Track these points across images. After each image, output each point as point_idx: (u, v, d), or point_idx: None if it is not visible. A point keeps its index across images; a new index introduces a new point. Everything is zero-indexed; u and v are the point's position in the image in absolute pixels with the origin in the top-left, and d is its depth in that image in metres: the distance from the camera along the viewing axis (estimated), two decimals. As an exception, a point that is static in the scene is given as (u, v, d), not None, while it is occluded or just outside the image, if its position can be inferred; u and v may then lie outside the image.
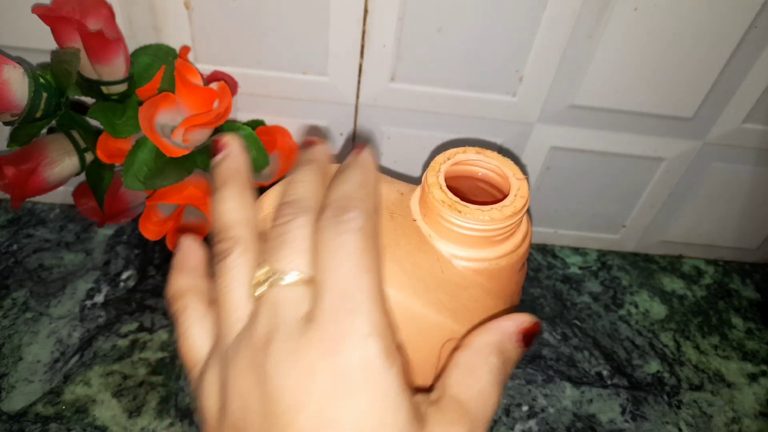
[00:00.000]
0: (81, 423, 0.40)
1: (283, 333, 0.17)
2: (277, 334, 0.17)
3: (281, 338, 0.17)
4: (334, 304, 0.17)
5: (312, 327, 0.17)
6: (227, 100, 0.38)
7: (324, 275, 0.18)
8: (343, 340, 0.17)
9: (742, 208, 0.53)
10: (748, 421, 0.46)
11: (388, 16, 0.39)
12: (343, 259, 0.18)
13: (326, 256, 0.18)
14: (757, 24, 0.39)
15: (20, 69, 0.36)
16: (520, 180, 0.25)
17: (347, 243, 0.18)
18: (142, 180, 0.39)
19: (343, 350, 0.16)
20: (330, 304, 0.17)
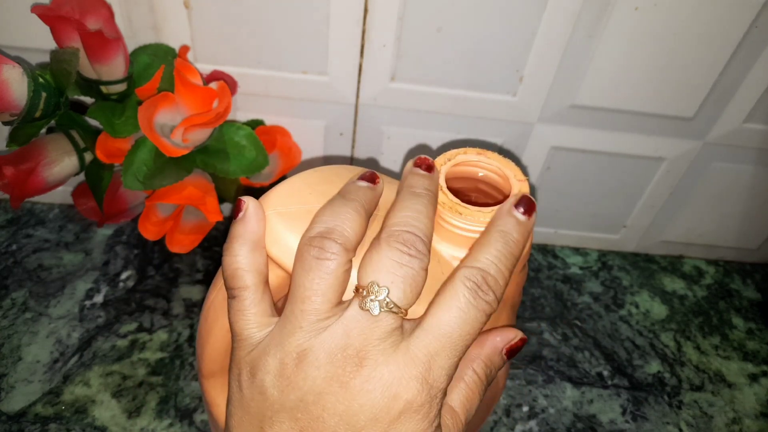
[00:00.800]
0: (80, 423, 0.40)
1: (378, 353, 0.20)
2: (372, 352, 0.20)
3: (376, 357, 0.20)
4: (436, 344, 0.21)
5: (406, 359, 0.20)
6: (227, 100, 0.38)
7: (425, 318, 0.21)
8: (425, 385, 0.20)
9: (742, 208, 0.53)
10: (748, 421, 0.46)
11: (388, 16, 0.39)
12: (447, 310, 0.21)
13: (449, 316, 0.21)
14: (757, 24, 0.39)
15: (19, 68, 0.36)
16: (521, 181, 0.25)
17: (473, 321, 0.21)
18: (141, 180, 0.39)
19: (423, 392, 0.20)
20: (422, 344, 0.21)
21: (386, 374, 0.20)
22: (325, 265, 0.21)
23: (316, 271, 0.21)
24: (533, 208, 0.23)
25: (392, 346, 0.20)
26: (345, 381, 0.20)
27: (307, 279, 0.21)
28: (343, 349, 0.20)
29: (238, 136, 0.42)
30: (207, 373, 0.29)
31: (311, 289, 0.21)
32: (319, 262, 0.21)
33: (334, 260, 0.21)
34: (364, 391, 0.20)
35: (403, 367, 0.20)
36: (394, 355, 0.20)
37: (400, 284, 0.21)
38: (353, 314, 0.21)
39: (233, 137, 0.42)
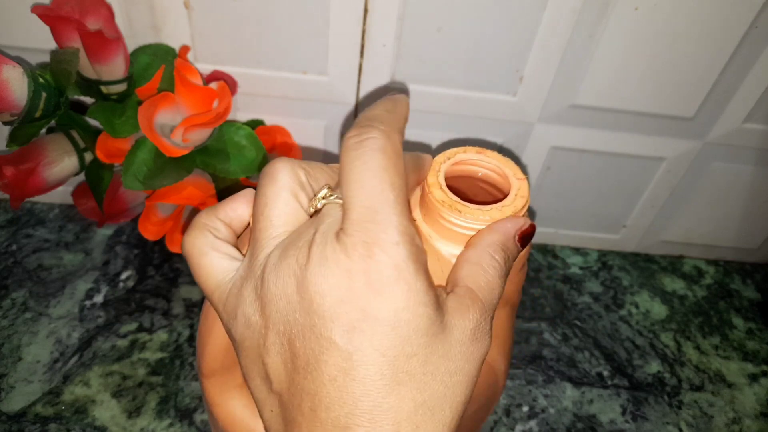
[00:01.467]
0: (80, 423, 0.40)
1: (322, 240, 0.19)
2: (317, 241, 0.19)
3: (320, 245, 0.19)
4: (362, 217, 0.19)
5: (346, 237, 0.19)
6: (227, 100, 0.38)
7: (349, 193, 0.20)
8: (375, 248, 0.19)
9: (742, 208, 0.53)
10: (748, 421, 0.46)
11: (388, 16, 0.39)
12: (366, 177, 0.19)
13: (349, 175, 0.20)
14: (757, 24, 0.39)
15: (19, 69, 0.36)
16: (520, 180, 0.25)
17: (368, 161, 0.20)
18: (141, 180, 0.39)
19: (375, 256, 0.19)
20: (358, 217, 0.19)
21: (330, 252, 0.19)
22: (275, 172, 0.21)
23: (267, 181, 0.21)
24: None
25: (337, 229, 0.20)
26: (299, 274, 0.19)
27: (257, 197, 0.22)
28: (294, 246, 0.20)
29: (238, 136, 0.42)
30: (207, 372, 0.29)
31: (261, 204, 0.21)
32: (265, 176, 0.21)
33: (282, 173, 0.21)
34: (315, 274, 0.19)
35: (344, 244, 0.19)
36: (338, 235, 0.19)
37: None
38: (305, 217, 0.21)
39: (233, 137, 0.42)
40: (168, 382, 0.42)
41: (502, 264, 0.22)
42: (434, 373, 0.19)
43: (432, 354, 0.19)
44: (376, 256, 0.18)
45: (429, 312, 0.19)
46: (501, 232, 0.23)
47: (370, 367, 0.18)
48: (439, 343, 0.19)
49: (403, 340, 0.19)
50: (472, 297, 0.21)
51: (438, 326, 0.19)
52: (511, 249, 0.23)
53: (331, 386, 0.19)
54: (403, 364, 0.19)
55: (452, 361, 0.20)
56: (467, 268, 0.22)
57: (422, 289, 0.19)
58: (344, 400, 0.18)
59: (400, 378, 0.19)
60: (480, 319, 0.21)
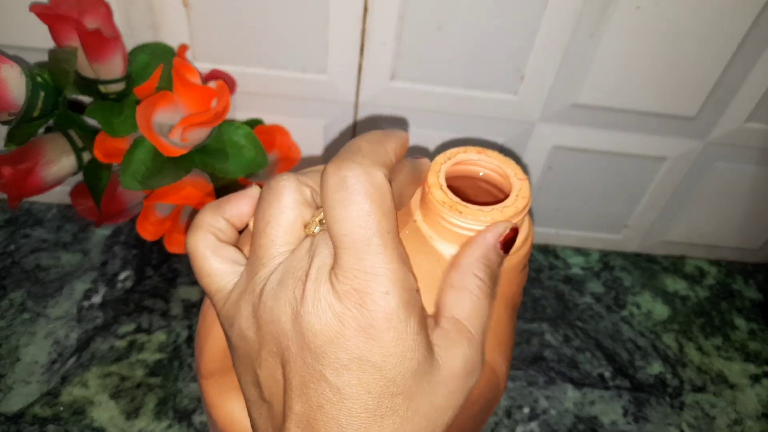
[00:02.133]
0: (79, 425, 0.39)
1: (317, 278, 0.19)
2: (312, 277, 0.20)
3: (315, 282, 0.19)
4: (351, 264, 0.19)
5: (337, 283, 0.19)
6: (225, 99, 0.38)
7: (335, 239, 0.20)
8: (366, 298, 0.19)
9: (744, 208, 0.53)
10: (750, 422, 0.46)
11: (388, 14, 0.39)
12: (349, 226, 0.19)
13: (333, 222, 0.20)
14: (759, 23, 0.39)
15: (18, 68, 0.35)
16: (521, 180, 0.25)
17: (349, 207, 0.19)
18: (139, 180, 0.38)
19: (366, 305, 0.19)
20: (347, 265, 0.19)
21: (324, 293, 0.19)
22: (281, 189, 0.21)
23: (271, 197, 0.21)
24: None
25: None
26: (295, 306, 0.19)
27: (259, 212, 0.21)
28: (292, 276, 0.20)
29: (237, 136, 0.42)
30: (206, 373, 0.29)
31: (263, 221, 0.21)
32: (270, 193, 0.21)
33: (287, 192, 0.21)
34: (312, 314, 0.19)
35: (336, 290, 0.19)
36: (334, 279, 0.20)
37: None
38: (305, 240, 0.21)
39: (232, 137, 0.42)
40: (166, 383, 0.42)
41: (487, 281, 0.22)
42: (418, 410, 0.20)
43: (417, 393, 0.20)
44: (367, 306, 0.19)
45: (417, 356, 0.20)
46: (480, 246, 0.23)
47: (356, 402, 0.19)
48: (425, 383, 0.20)
49: (389, 381, 0.19)
50: (459, 330, 0.21)
51: (426, 367, 0.20)
52: (493, 260, 0.23)
53: (319, 412, 0.19)
54: (388, 401, 0.19)
55: (438, 397, 0.20)
56: (452, 296, 0.22)
57: (411, 335, 0.19)
58: (330, 426, 0.19)
59: (383, 412, 0.19)
60: (469, 352, 0.21)
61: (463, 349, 0.21)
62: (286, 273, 0.20)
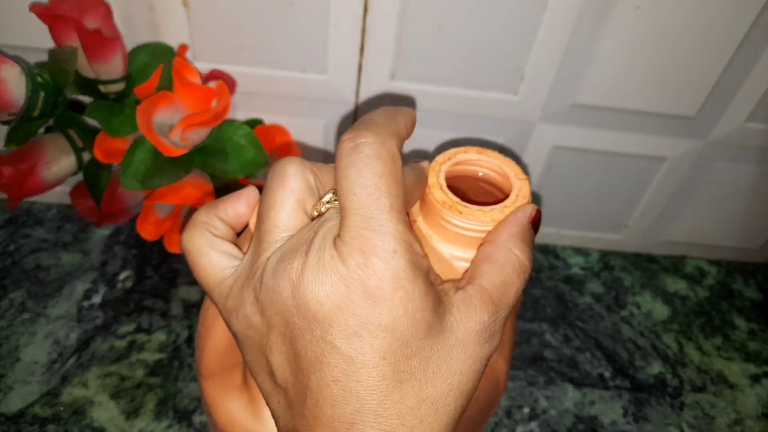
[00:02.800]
0: (79, 425, 0.39)
1: (320, 246, 0.19)
2: (316, 246, 0.19)
3: (318, 251, 0.19)
4: (357, 224, 0.19)
5: (342, 245, 0.19)
6: (225, 99, 0.38)
7: (344, 200, 0.20)
8: (371, 257, 0.19)
9: (744, 208, 0.53)
10: (750, 422, 0.46)
11: (388, 14, 0.39)
12: (360, 184, 0.20)
13: (343, 182, 0.20)
14: (759, 23, 0.39)
15: (18, 68, 0.35)
16: (521, 180, 0.25)
17: (362, 168, 0.20)
18: (139, 180, 0.38)
19: (372, 265, 0.19)
20: (354, 224, 0.19)
21: (327, 259, 0.19)
22: (286, 172, 0.21)
23: (277, 181, 0.21)
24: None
25: (335, 235, 0.20)
26: (294, 278, 0.19)
27: (264, 197, 0.22)
28: (293, 249, 0.20)
29: (237, 136, 0.42)
30: (206, 373, 0.29)
31: (267, 206, 0.21)
32: (275, 177, 0.21)
33: (293, 177, 0.21)
34: (312, 281, 0.19)
35: (341, 251, 0.19)
36: (336, 242, 0.19)
37: None
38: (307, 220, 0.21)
39: (232, 137, 0.42)
40: (167, 383, 0.42)
41: (522, 257, 0.22)
42: (436, 372, 0.19)
43: (432, 354, 0.19)
44: (373, 265, 0.19)
45: (427, 316, 0.19)
46: (516, 223, 0.23)
47: (372, 370, 0.19)
48: (439, 343, 0.20)
49: (403, 343, 0.19)
50: (483, 297, 0.21)
51: (437, 328, 0.20)
52: (528, 238, 0.23)
53: (335, 386, 0.19)
54: (404, 365, 0.19)
55: (455, 360, 0.20)
56: (485, 267, 0.22)
57: (420, 295, 0.19)
58: (349, 399, 0.19)
59: (401, 377, 0.19)
60: (489, 320, 0.21)
61: (482, 315, 0.20)
62: (286, 250, 0.20)
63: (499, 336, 0.21)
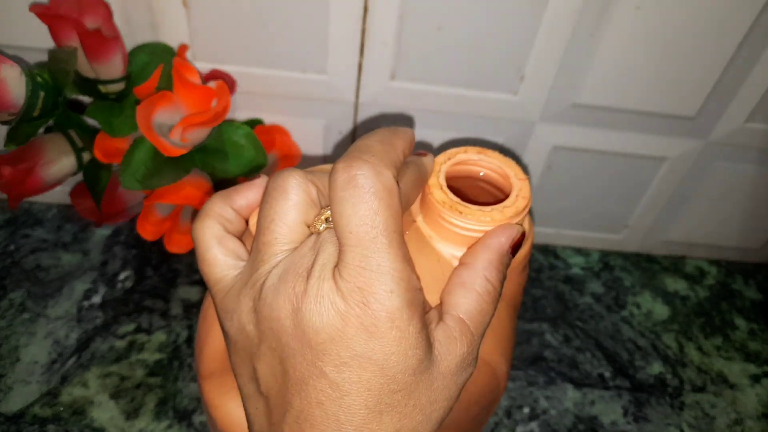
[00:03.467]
0: (78, 425, 0.39)
1: (320, 275, 0.20)
2: (315, 275, 0.20)
3: (318, 279, 0.19)
4: (356, 262, 0.19)
5: (341, 281, 0.19)
6: (225, 99, 0.38)
7: (342, 236, 0.20)
8: (369, 297, 0.19)
9: (745, 208, 0.53)
10: (750, 422, 0.45)
11: (388, 14, 0.39)
12: (356, 223, 0.19)
13: (340, 219, 0.20)
14: (759, 23, 0.39)
15: (17, 68, 0.35)
16: (521, 180, 0.25)
17: (357, 205, 0.19)
18: (139, 180, 0.38)
19: (370, 304, 0.19)
20: (352, 262, 0.19)
21: (327, 290, 0.19)
22: (287, 185, 0.21)
23: (278, 193, 0.21)
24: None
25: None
26: (296, 303, 0.19)
27: (264, 207, 0.22)
28: (294, 271, 0.20)
29: (236, 136, 0.42)
30: (206, 373, 0.29)
31: (268, 218, 0.21)
32: (277, 189, 0.21)
33: (292, 186, 0.21)
34: (314, 311, 0.19)
35: (340, 288, 0.19)
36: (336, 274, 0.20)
37: None
38: (309, 237, 0.21)
39: (232, 137, 0.42)
40: (166, 383, 0.42)
41: (496, 285, 0.23)
42: (416, 405, 0.20)
43: (416, 389, 0.20)
44: (371, 305, 0.19)
45: (418, 354, 0.20)
46: (494, 249, 0.23)
47: (356, 398, 0.19)
48: (424, 379, 0.20)
49: (390, 379, 0.19)
50: (462, 329, 0.21)
51: (425, 364, 0.20)
52: (505, 265, 0.23)
53: (318, 408, 0.19)
54: (387, 398, 0.20)
55: (435, 392, 0.20)
56: (460, 294, 0.22)
57: (414, 334, 0.20)
58: (329, 422, 0.19)
59: (382, 408, 0.20)
60: (467, 351, 0.21)
61: (461, 347, 0.21)
62: (287, 269, 0.20)
63: (475, 362, 0.22)
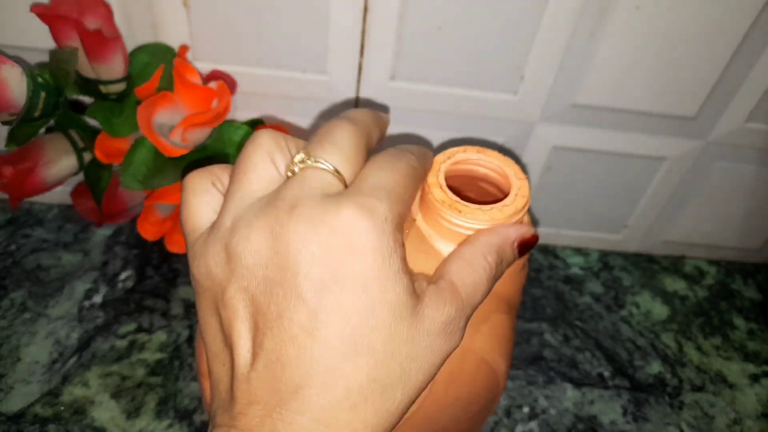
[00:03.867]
0: (79, 424, 0.40)
1: (310, 200, 0.20)
2: (304, 200, 0.20)
3: (307, 204, 0.19)
4: (364, 188, 0.20)
5: (340, 196, 0.20)
6: (226, 99, 0.38)
7: (367, 173, 0.21)
8: (365, 216, 0.19)
9: (744, 208, 0.53)
10: (749, 422, 0.46)
11: (388, 14, 0.39)
12: (390, 171, 0.21)
13: (377, 164, 0.21)
14: (759, 22, 0.39)
15: (18, 68, 0.35)
16: (520, 179, 0.25)
17: (400, 165, 0.21)
18: (140, 180, 0.38)
19: (363, 221, 0.19)
20: (362, 187, 0.20)
21: (317, 211, 0.19)
22: (258, 137, 0.21)
23: (250, 145, 0.22)
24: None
25: (323, 194, 0.20)
26: (277, 230, 0.19)
27: (238, 160, 0.22)
28: (273, 205, 0.20)
29: (237, 136, 0.42)
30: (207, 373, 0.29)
31: (241, 169, 0.21)
32: (250, 143, 0.22)
33: (265, 138, 0.21)
34: (295, 232, 0.19)
35: (338, 202, 0.19)
36: (326, 197, 0.20)
37: (322, 146, 0.21)
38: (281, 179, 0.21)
39: (232, 137, 0.42)
40: (167, 382, 0.42)
41: (493, 267, 0.22)
42: (394, 354, 0.19)
43: (396, 334, 0.19)
44: (363, 223, 0.19)
45: (398, 292, 0.19)
46: (500, 235, 0.23)
47: (332, 329, 0.19)
48: (405, 326, 0.19)
49: (368, 309, 0.19)
50: (453, 292, 0.21)
51: (407, 310, 0.20)
52: (507, 254, 0.23)
53: (291, 344, 0.19)
54: (365, 335, 0.19)
55: (415, 348, 0.20)
56: (457, 264, 0.22)
57: (394, 269, 0.19)
58: (301, 359, 0.19)
59: (359, 349, 0.19)
60: (455, 315, 0.21)
61: (449, 308, 0.21)
62: (265, 205, 0.20)
63: (460, 335, 0.21)
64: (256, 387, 0.19)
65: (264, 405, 0.19)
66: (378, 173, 0.21)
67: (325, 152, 0.21)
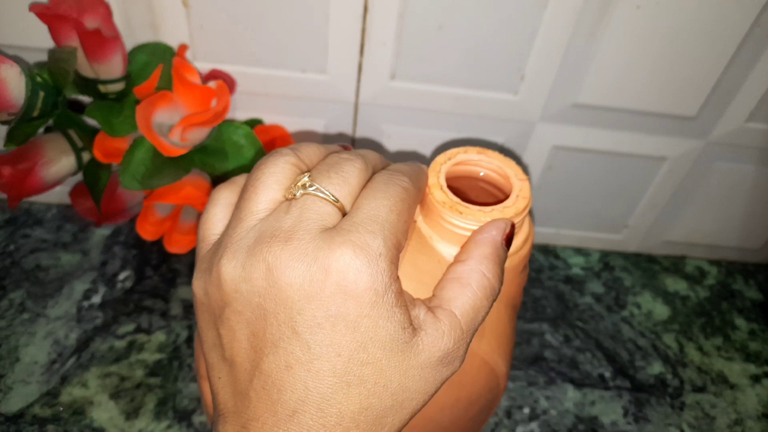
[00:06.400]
0: (78, 425, 0.39)
1: (307, 234, 0.20)
2: (300, 233, 0.20)
3: (303, 238, 0.20)
4: (360, 221, 0.20)
5: (335, 233, 0.20)
6: (225, 99, 0.38)
7: (361, 203, 0.21)
8: (359, 255, 0.19)
9: (745, 208, 0.53)
10: (751, 422, 0.45)
11: (388, 14, 0.39)
12: (383, 198, 0.21)
13: (370, 193, 0.21)
14: (760, 22, 0.39)
15: (17, 68, 0.35)
16: (522, 180, 0.25)
17: (392, 190, 0.21)
18: (139, 179, 0.38)
19: (356, 260, 0.19)
20: (356, 220, 0.20)
21: (311, 248, 0.19)
22: (270, 160, 0.22)
23: (260, 167, 0.22)
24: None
25: (320, 227, 0.20)
26: (271, 262, 0.19)
27: (251, 177, 0.22)
28: (270, 234, 0.20)
29: (236, 136, 0.42)
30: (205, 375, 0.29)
31: (251, 187, 0.22)
32: (266, 160, 0.22)
33: (281, 156, 0.22)
34: (290, 267, 0.19)
35: (332, 240, 0.20)
36: (322, 233, 0.20)
37: (327, 175, 0.21)
38: (284, 203, 0.22)
39: (232, 136, 0.42)
40: (166, 383, 0.42)
41: (493, 280, 0.22)
42: (386, 386, 0.20)
43: (388, 368, 0.20)
44: (358, 260, 0.19)
45: (389, 328, 0.20)
46: (489, 243, 0.23)
47: (325, 363, 0.19)
48: (397, 360, 0.20)
49: (360, 346, 0.19)
50: (452, 324, 0.21)
51: (399, 344, 0.20)
52: (501, 258, 0.23)
53: (286, 372, 0.19)
54: (357, 369, 0.19)
55: (409, 380, 0.20)
56: (455, 289, 0.22)
57: (389, 304, 0.20)
58: (296, 387, 0.19)
59: (350, 380, 0.19)
60: (453, 347, 0.21)
61: (447, 342, 0.21)
62: (263, 231, 0.20)
63: (460, 362, 0.22)
64: (256, 406, 0.20)
65: (263, 423, 0.19)
66: (372, 203, 0.21)
67: (330, 183, 0.21)
